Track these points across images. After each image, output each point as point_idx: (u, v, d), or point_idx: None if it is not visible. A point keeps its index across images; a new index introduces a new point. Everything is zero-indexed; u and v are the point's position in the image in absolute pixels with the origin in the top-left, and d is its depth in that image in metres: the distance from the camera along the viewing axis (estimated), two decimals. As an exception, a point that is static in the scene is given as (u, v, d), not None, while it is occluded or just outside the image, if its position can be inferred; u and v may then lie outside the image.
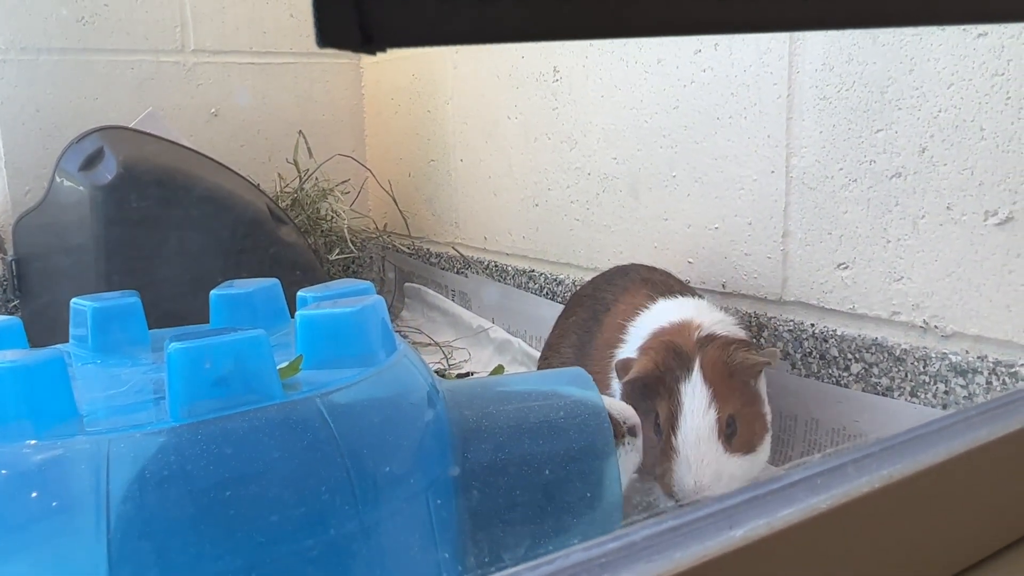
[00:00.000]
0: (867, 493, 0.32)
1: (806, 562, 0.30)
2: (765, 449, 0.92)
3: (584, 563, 0.26)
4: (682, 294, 1.07)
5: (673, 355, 0.90)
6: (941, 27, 0.90)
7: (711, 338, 0.92)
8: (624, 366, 0.93)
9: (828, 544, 0.31)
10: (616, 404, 0.79)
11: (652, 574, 0.26)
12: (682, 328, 0.95)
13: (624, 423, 0.77)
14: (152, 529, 0.53)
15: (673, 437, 0.87)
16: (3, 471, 0.55)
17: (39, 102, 1.69)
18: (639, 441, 0.80)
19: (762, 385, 0.94)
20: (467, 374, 1.52)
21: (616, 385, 0.99)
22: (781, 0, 0.25)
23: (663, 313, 1.01)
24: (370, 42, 0.20)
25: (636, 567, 0.26)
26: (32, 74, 1.68)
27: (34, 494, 0.54)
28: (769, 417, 0.94)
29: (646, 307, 1.05)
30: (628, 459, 0.77)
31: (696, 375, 0.88)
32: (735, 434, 0.88)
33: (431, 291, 1.91)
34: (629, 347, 1.02)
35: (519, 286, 1.63)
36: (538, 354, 1.44)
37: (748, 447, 0.89)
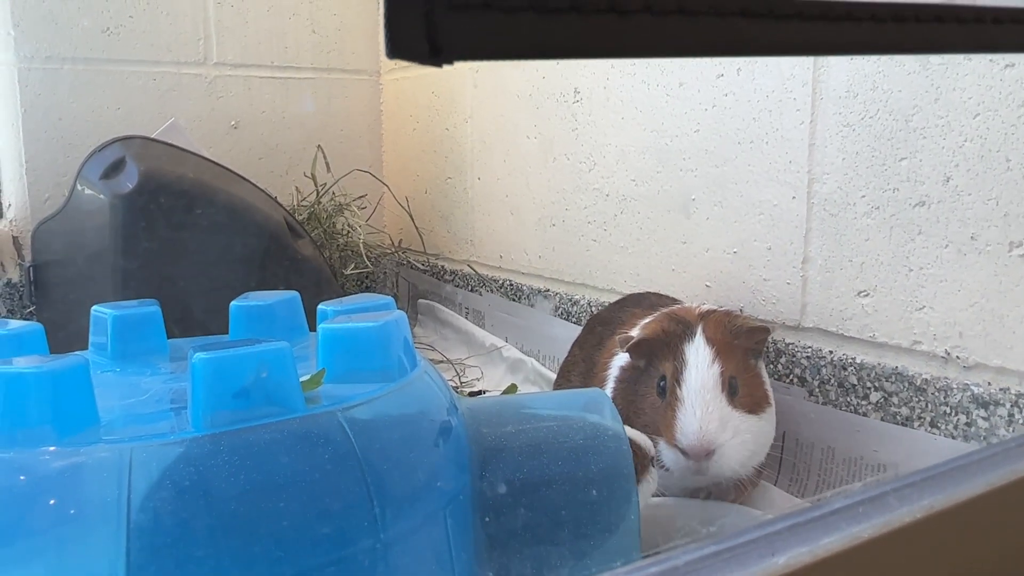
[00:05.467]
0: (908, 523, 0.31)
1: (848, 592, 0.30)
2: (768, 419, 0.96)
3: (626, 586, 0.26)
4: None
5: (676, 322, 0.97)
6: (967, 57, 0.90)
7: (712, 311, 1.00)
8: (625, 339, 0.98)
9: (869, 573, 0.31)
10: (637, 435, 0.80)
11: (695, 599, 0.25)
12: (684, 307, 1.05)
13: (648, 455, 0.79)
14: (171, 539, 0.53)
15: (678, 389, 0.92)
16: (23, 477, 0.55)
17: (61, 111, 1.70)
18: (655, 472, 0.82)
19: (762, 367, 1.00)
20: (479, 392, 1.52)
21: (611, 385, 1.04)
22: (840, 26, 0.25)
23: None
24: (438, 55, 0.20)
25: (679, 592, 0.26)
26: (55, 83, 1.69)
27: (53, 501, 0.54)
28: (770, 393, 0.98)
29: None
30: (646, 488, 0.79)
31: (699, 336, 0.95)
32: (737, 393, 0.93)
33: (444, 308, 1.91)
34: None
35: (534, 306, 1.63)
36: (551, 374, 1.43)
37: (750, 408, 0.94)
